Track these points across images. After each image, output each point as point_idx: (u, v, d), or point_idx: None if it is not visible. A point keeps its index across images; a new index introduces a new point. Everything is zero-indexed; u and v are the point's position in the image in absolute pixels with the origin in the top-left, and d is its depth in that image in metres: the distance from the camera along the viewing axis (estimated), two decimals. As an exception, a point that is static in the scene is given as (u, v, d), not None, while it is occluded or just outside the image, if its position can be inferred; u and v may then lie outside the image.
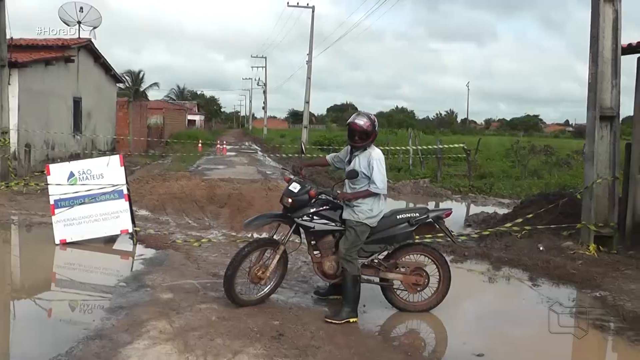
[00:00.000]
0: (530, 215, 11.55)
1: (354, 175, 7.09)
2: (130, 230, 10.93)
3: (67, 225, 10.78)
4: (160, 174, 20.94)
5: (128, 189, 11.15)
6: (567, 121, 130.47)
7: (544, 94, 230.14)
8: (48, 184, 11.06)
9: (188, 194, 15.82)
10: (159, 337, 6.13)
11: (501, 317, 7.72)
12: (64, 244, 10.68)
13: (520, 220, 11.50)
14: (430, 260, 7.53)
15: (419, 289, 7.43)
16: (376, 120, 7.27)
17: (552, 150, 27.96)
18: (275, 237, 7.59)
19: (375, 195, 7.11)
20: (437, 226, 7.67)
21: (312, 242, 7.36)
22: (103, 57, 29.74)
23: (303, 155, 7.48)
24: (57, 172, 11.07)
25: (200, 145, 40.38)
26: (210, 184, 17.41)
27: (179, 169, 24.09)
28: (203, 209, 14.50)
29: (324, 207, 7.26)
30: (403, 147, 28.20)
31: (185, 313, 6.89)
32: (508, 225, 11.49)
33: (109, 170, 11.05)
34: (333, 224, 7.25)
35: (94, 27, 29.31)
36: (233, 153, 40.13)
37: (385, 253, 7.54)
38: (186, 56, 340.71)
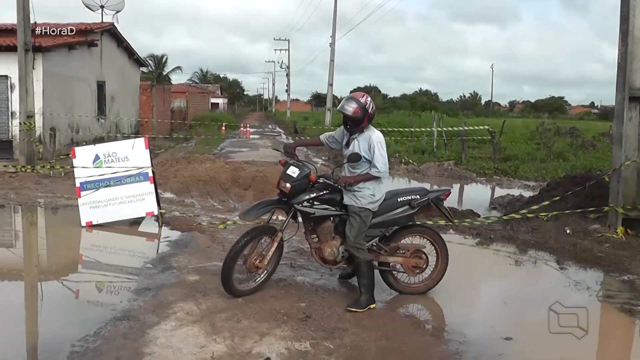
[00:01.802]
0: (557, 198, 11.42)
1: (356, 158, 6.76)
2: (156, 213, 10.96)
3: (93, 208, 10.83)
4: (184, 157, 21.01)
5: (153, 172, 11.17)
6: (592, 103, 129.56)
7: (569, 75, 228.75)
8: (74, 167, 11.12)
9: (212, 177, 15.85)
10: (185, 319, 6.14)
11: (528, 300, 7.63)
12: (90, 226, 10.74)
13: (546, 203, 11.37)
14: (427, 242, 7.43)
15: (418, 271, 7.32)
16: (368, 101, 6.88)
17: (578, 132, 27.62)
18: (269, 223, 7.28)
19: (376, 178, 6.84)
20: (437, 207, 7.53)
21: (310, 228, 7.12)
22: (126, 41, 29.76)
23: (297, 134, 7.20)
24: (83, 155, 11.11)
25: (223, 128, 40.44)
26: (235, 166, 17.40)
27: (203, 152, 24.13)
28: (227, 192, 14.52)
29: (324, 192, 6.95)
30: (428, 128, 28.02)
31: (211, 295, 6.89)
32: (535, 207, 11.37)
33: (134, 153, 11.07)
34: (333, 209, 6.98)
35: (117, 11, 29.37)
36: (256, 136, 40.13)
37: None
38: (208, 40, 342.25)
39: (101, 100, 27.05)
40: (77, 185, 10.96)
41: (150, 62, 43.22)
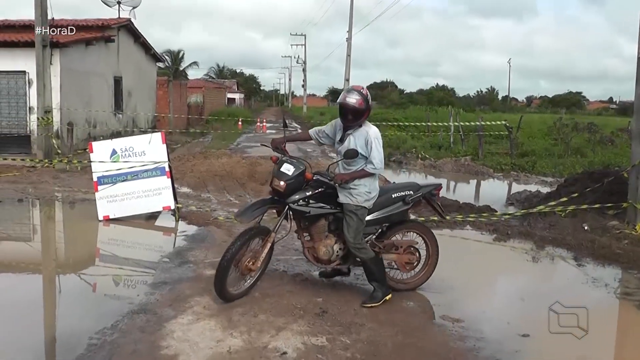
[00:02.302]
0: (575, 195, 11.34)
1: (353, 155, 6.43)
2: (173, 207, 11.00)
3: (110, 202, 10.88)
4: (201, 152, 21.06)
5: (170, 166, 11.20)
6: (610, 98, 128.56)
7: (586, 70, 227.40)
8: (91, 161, 11.17)
9: (229, 172, 15.89)
10: (202, 313, 6.15)
11: (546, 297, 7.56)
12: (107, 220, 10.78)
13: (564, 199, 11.30)
14: (419, 237, 7.34)
15: (410, 267, 7.23)
16: (368, 94, 6.65)
17: (596, 128, 27.46)
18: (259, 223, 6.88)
19: (372, 175, 6.63)
20: (429, 203, 7.44)
21: (304, 227, 6.89)
22: (143, 36, 29.82)
23: (286, 128, 6.90)
24: (100, 150, 11.15)
25: (240, 123, 40.48)
26: (251, 161, 17.44)
27: (220, 147, 24.18)
28: (244, 187, 14.55)
29: (319, 190, 6.69)
30: (444, 123, 27.92)
31: (228, 290, 6.89)
32: (552, 203, 11.30)
33: (151, 148, 11.10)
34: (328, 207, 6.73)
35: (134, 7, 29.50)
36: (273, 131, 40.12)
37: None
38: (225, 35, 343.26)
39: (118, 95, 27.14)
40: (95, 179, 11.01)
41: (167, 57, 43.38)
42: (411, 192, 7.07)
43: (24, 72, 20.33)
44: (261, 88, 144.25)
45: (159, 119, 33.84)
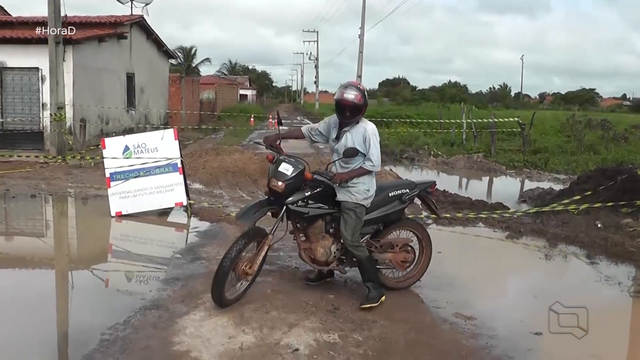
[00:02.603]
0: (589, 193, 11.27)
1: (353, 153, 6.27)
2: (185, 203, 11.03)
3: (122, 198, 10.91)
4: (213, 148, 21.10)
5: (182, 162, 11.22)
6: (624, 95, 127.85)
7: (599, 67, 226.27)
8: (104, 158, 11.20)
9: (241, 168, 15.92)
10: (214, 309, 6.15)
11: (558, 295, 7.52)
12: (120, 216, 10.82)
13: (578, 197, 11.23)
14: (413, 235, 7.24)
15: (406, 265, 7.13)
16: (365, 90, 6.53)
17: (609, 125, 27.24)
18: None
19: (370, 173, 6.48)
20: (423, 200, 7.43)
21: (301, 228, 6.67)
22: (155, 33, 29.92)
23: (281, 126, 6.74)
24: (113, 146, 11.19)
25: (252, 119, 40.51)
26: (263, 157, 17.35)
27: (232, 143, 24.18)
28: (256, 183, 14.55)
29: (317, 190, 6.46)
30: (457, 120, 27.82)
31: (240, 286, 6.89)
32: (566, 201, 11.24)
33: (164, 144, 11.14)
34: (326, 207, 6.54)
35: (146, 4, 29.63)
36: (285, 127, 39.99)
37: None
38: (237, 31, 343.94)
39: (130, 91, 27.25)
40: (107, 175, 11.05)
41: (179, 54, 43.46)
42: (407, 190, 7.01)
43: (37, 68, 20.45)
44: (273, 84, 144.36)
45: (171, 116, 33.92)
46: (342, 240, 6.60)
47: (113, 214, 10.81)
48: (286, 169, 6.24)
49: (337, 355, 5.23)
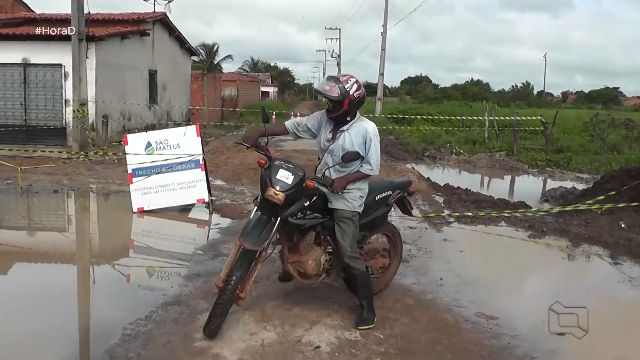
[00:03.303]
0: (613, 193, 11.16)
1: (354, 157, 5.60)
2: (207, 200, 11.05)
3: (144, 194, 10.95)
4: (235, 145, 21.12)
5: (204, 159, 11.23)
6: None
7: (623, 65, 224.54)
8: (126, 154, 11.24)
9: (263, 165, 15.88)
10: (235, 306, 6.13)
11: (581, 295, 7.47)
12: (141, 212, 10.85)
13: (602, 197, 11.11)
14: (387, 237, 6.95)
15: (383, 270, 6.75)
16: (351, 82, 5.66)
17: (633, 124, 26.95)
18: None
19: (366, 177, 5.88)
20: (400, 201, 6.85)
21: (289, 240, 5.87)
22: (177, 30, 29.97)
23: (267, 124, 6.21)
24: (135, 142, 11.23)
25: (274, 116, 40.55)
26: (285, 154, 17.48)
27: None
28: (277, 181, 14.50)
29: (314, 198, 5.72)
30: (479, 117, 27.68)
31: (262, 282, 6.88)
32: (590, 202, 11.13)
33: (186, 140, 11.16)
34: (320, 216, 5.86)
35: (169, 1, 29.77)
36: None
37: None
38: (259, 28, 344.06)
39: (153, 88, 27.33)
40: (129, 171, 11.08)
41: (201, 50, 43.43)
42: (390, 192, 6.52)
43: (60, 65, 20.53)
44: (295, 82, 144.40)
45: (193, 112, 34.03)
46: (332, 252, 6.09)
47: (135, 209, 10.85)
48: (285, 176, 5.41)
49: (359, 353, 5.21)
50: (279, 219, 5.47)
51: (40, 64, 20.70)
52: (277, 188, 5.34)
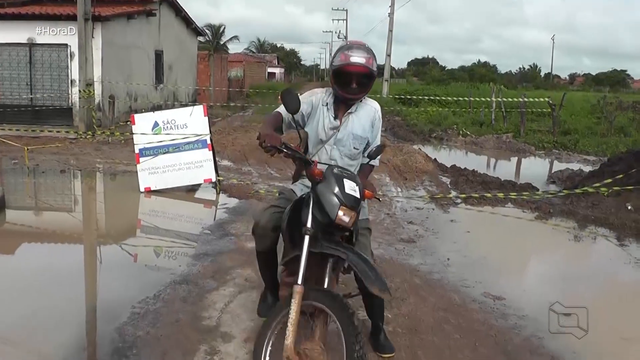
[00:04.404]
0: (620, 176, 11.14)
1: (380, 151, 4.64)
2: (214, 180, 11.05)
3: (151, 174, 10.96)
4: (241, 126, 21.16)
5: (211, 139, 11.22)
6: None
7: (631, 48, 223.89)
8: (133, 134, 11.24)
9: (270, 145, 15.89)
10: (244, 285, 6.17)
11: (587, 276, 7.49)
12: (148, 191, 10.87)
13: (609, 180, 11.10)
14: None
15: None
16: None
17: (641, 107, 26.95)
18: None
19: None
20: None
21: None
22: (184, 10, 29.88)
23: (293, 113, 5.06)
24: (142, 122, 11.22)
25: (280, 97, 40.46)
26: (292, 135, 17.39)
27: (260, 121, 24.17)
28: (285, 160, 14.53)
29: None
30: (486, 99, 27.59)
31: (269, 262, 6.89)
32: (597, 185, 11.11)
33: (193, 120, 11.15)
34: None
35: (175, -19, 29.48)
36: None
37: None
38: (265, 9, 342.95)
39: (159, 69, 27.31)
40: (136, 151, 11.08)
41: (207, 31, 43.27)
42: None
43: (66, 45, 20.51)
44: (301, 63, 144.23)
45: (199, 93, 34.00)
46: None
47: (142, 189, 10.87)
48: (353, 189, 4.00)
49: (366, 331, 5.21)
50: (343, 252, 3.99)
51: (46, 44, 20.68)
52: (352, 207, 3.95)
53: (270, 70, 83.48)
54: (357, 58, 4.42)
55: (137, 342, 4.81)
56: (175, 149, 11.02)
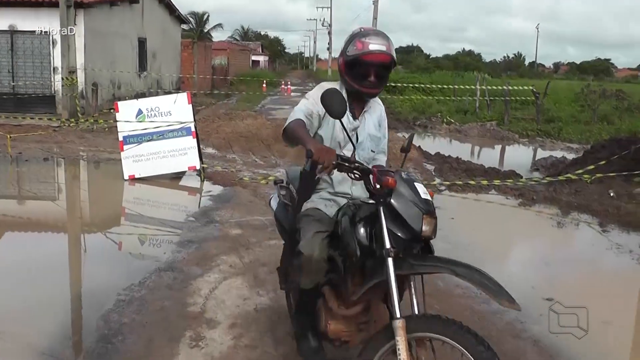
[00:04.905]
0: (603, 162, 11.23)
1: (412, 140, 4.13)
2: (198, 167, 11.05)
3: (135, 162, 10.93)
4: (226, 113, 21.11)
5: (195, 126, 11.21)
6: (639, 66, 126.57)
7: (615, 37, 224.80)
8: (117, 121, 11.21)
9: (254, 133, 15.93)
10: (229, 271, 6.18)
11: (570, 262, 7.56)
12: (133, 179, 10.84)
13: (591, 167, 11.20)
14: None
15: None
16: None
17: (624, 95, 27.01)
18: None
19: None
20: None
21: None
22: (167, -3, 29.76)
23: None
24: (126, 110, 11.20)
25: (264, 85, 40.40)
26: (277, 123, 17.43)
27: (245, 109, 24.18)
28: (269, 148, 14.56)
29: None
30: (471, 87, 27.64)
31: (254, 248, 6.93)
32: (580, 171, 11.20)
33: (177, 108, 11.13)
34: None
35: (158, -32, 29.31)
36: (297, 94, 40.02)
37: None
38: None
39: (142, 56, 27.16)
40: (120, 139, 11.05)
41: (191, 19, 43.19)
42: None
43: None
44: (286, 51, 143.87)
45: (183, 81, 33.87)
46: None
47: (126, 177, 10.84)
48: (425, 192, 3.41)
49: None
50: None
51: (28, 31, 20.44)
52: (431, 213, 3.38)
53: (254, 58, 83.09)
54: (377, 45, 3.80)
55: (123, 329, 4.82)
56: (159, 136, 10.99)
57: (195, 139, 11.09)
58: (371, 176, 3.44)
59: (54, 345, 4.63)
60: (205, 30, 47.01)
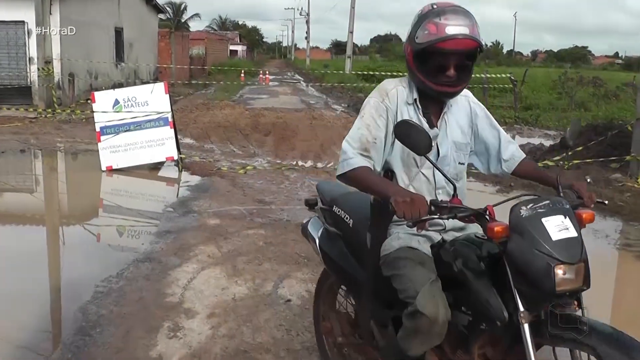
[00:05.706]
0: (580, 148, 11.32)
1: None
2: (176, 158, 11.01)
3: (113, 152, 10.88)
4: (203, 103, 21.07)
5: (173, 116, 11.16)
6: (616, 53, 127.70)
7: (592, 25, 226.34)
8: (94, 112, 11.14)
9: (232, 123, 15.90)
10: (207, 261, 6.17)
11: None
12: (110, 170, 10.79)
13: (569, 152, 11.28)
14: None
15: None
16: None
17: (601, 82, 27.22)
18: None
19: None
20: None
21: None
22: (144, -14, 29.57)
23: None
24: (103, 100, 11.13)
25: (242, 75, 40.27)
26: (254, 112, 17.45)
27: (223, 99, 24.09)
28: (248, 137, 14.53)
29: None
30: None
31: (232, 238, 6.92)
32: (557, 158, 11.28)
33: (154, 98, 11.08)
34: None
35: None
36: (276, 83, 39.99)
37: None
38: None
39: (119, 46, 26.99)
40: (97, 129, 10.99)
41: (168, 9, 42.88)
42: None
43: (23, 22, 20.10)
44: (264, 40, 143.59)
45: (161, 71, 33.72)
46: None
47: (104, 168, 10.78)
48: (563, 225, 2.55)
49: (330, 306, 5.26)
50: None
51: (2, 21, 20.20)
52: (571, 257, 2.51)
53: (232, 47, 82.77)
54: (458, 27, 2.79)
55: (101, 320, 4.80)
56: (137, 127, 10.94)
57: (172, 129, 11.05)
58: (487, 216, 2.74)
59: (31, 339, 4.62)
60: (183, 20, 46.73)
